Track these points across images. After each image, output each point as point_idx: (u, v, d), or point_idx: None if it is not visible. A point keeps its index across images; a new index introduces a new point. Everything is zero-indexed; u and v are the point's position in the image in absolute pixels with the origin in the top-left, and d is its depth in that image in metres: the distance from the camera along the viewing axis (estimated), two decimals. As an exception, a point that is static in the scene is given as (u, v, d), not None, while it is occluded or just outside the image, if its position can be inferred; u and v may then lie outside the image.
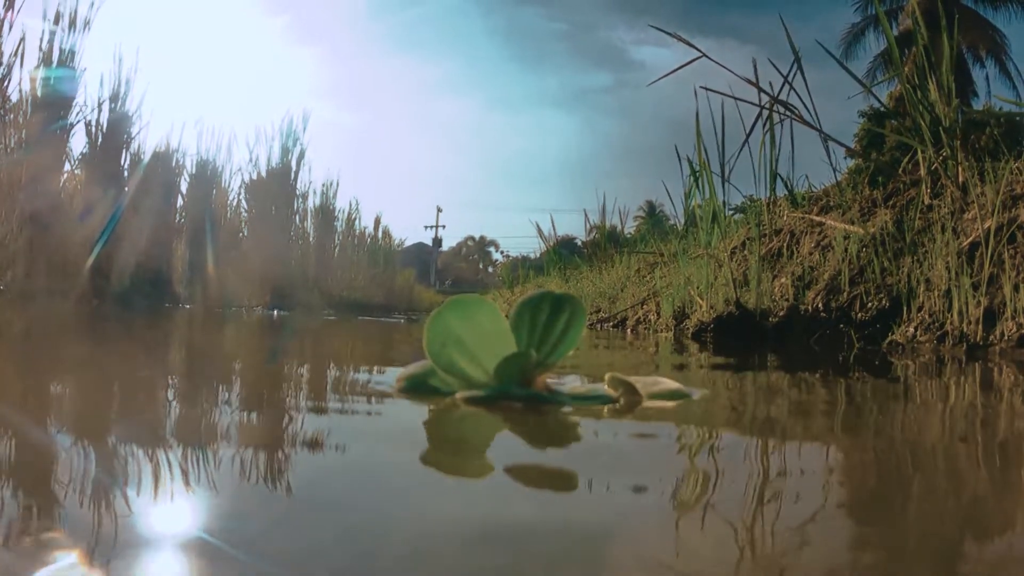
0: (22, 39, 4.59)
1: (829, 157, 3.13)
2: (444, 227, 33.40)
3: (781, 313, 2.10)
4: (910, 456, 0.57)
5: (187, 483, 0.41)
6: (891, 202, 2.28)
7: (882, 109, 3.99)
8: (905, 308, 1.82)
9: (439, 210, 31.16)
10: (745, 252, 2.65)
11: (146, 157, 5.55)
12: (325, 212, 7.95)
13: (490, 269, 36.91)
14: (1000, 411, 0.81)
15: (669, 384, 0.74)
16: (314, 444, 0.54)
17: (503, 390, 0.67)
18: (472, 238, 40.64)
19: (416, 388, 0.72)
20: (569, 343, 0.70)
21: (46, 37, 4.78)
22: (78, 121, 5.08)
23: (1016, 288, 1.56)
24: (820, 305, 2.04)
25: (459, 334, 0.67)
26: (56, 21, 4.82)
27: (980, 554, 0.35)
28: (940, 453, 0.58)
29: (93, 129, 5.22)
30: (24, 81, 4.65)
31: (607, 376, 0.71)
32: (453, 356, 0.68)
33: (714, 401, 0.82)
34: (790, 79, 2.72)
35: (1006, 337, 1.53)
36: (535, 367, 0.68)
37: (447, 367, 0.68)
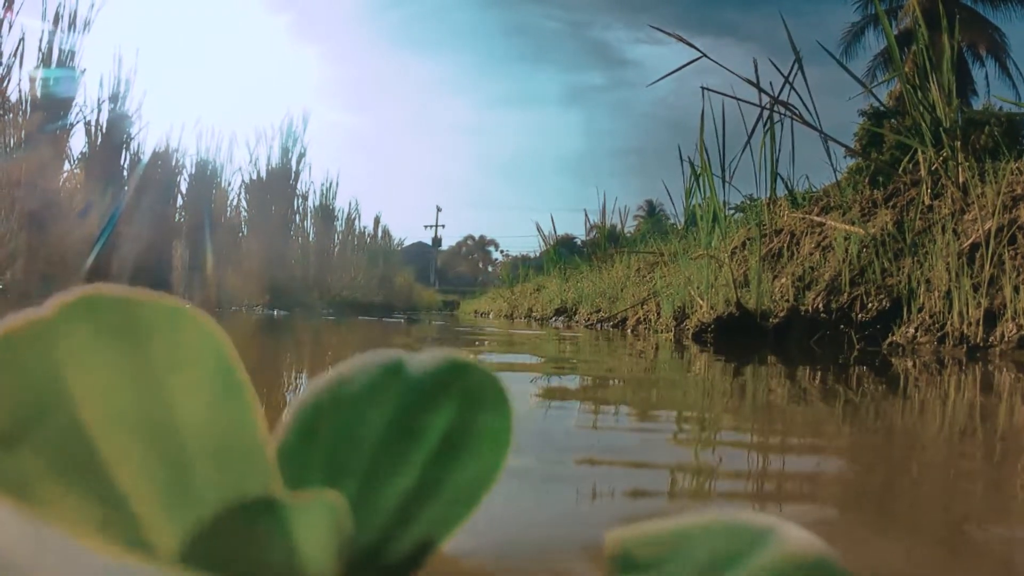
0: (21, 39, 4.60)
1: (829, 157, 3.14)
2: (444, 226, 33.39)
3: (781, 314, 2.10)
4: None
5: None
6: (892, 202, 2.28)
7: (882, 109, 3.99)
8: (905, 309, 1.82)
9: (439, 209, 31.16)
10: (745, 252, 2.65)
11: (146, 157, 5.55)
12: (325, 212, 7.95)
13: (490, 268, 36.90)
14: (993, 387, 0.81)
15: None
16: None
17: None
18: (472, 237, 40.66)
19: None
20: (460, 499, 0.19)
21: (46, 37, 4.78)
22: (77, 121, 5.08)
23: (1016, 289, 1.56)
24: (820, 306, 2.04)
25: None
26: (56, 22, 4.82)
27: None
28: None
29: (93, 129, 5.23)
30: (23, 81, 4.65)
31: None
32: None
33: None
34: (790, 79, 2.72)
35: (1006, 338, 1.53)
36: None
37: None
